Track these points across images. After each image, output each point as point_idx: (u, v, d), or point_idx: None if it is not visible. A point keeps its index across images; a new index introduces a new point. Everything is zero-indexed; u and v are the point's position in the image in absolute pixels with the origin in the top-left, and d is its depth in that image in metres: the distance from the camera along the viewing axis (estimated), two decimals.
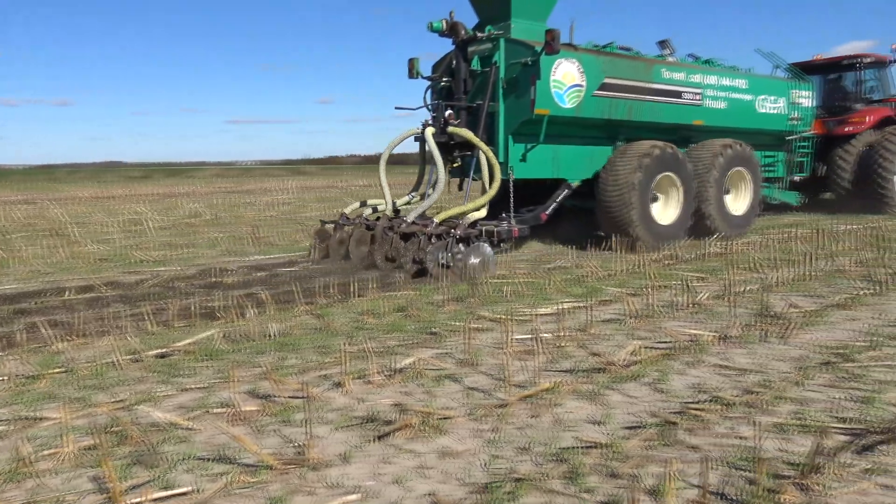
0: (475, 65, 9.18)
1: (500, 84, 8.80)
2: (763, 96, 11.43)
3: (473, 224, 8.11)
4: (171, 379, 4.24)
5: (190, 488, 2.78)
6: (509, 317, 5.31)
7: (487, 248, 7.68)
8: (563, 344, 4.74)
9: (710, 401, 3.61)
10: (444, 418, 3.44)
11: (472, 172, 8.82)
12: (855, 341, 4.68)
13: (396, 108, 10.10)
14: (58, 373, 4.35)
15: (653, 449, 3.07)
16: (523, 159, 8.96)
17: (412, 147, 9.83)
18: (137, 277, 7.90)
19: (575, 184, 9.51)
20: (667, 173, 9.50)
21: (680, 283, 6.56)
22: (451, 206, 9.41)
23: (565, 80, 8.74)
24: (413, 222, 8.09)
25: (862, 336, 4.82)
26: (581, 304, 5.87)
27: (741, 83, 11.01)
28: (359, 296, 6.44)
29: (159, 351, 4.74)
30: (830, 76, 14.63)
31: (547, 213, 9.13)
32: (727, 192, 10.62)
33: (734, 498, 2.62)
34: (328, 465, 3.01)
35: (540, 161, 9.14)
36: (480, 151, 8.56)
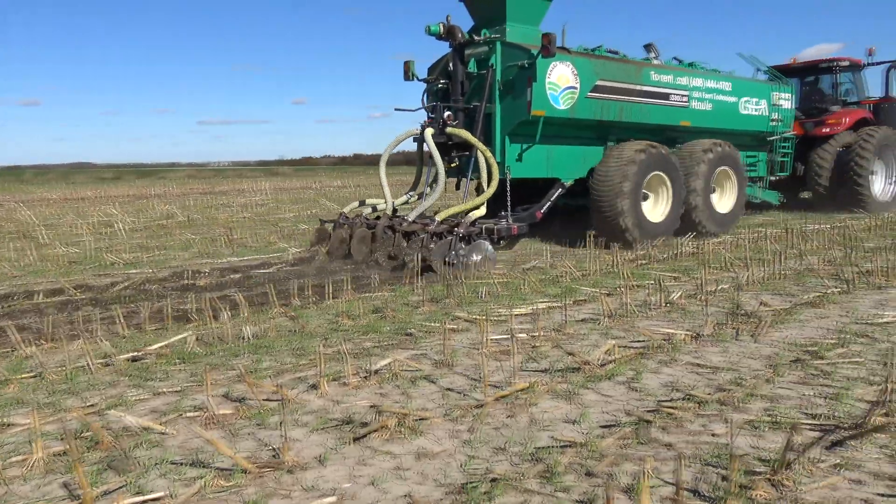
0: (472, 67, 9.42)
1: (496, 86, 9.03)
2: (746, 98, 11.82)
3: (473, 223, 8.32)
4: (144, 383, 4.18)
5: (163, 493, 2.75)
6: (485, 317, 5.32)
7: (488, 246, 7.93)
8: (538, 344, 4.76)
9: (684, 399, 3.65)
10: (421, 419, 3.44)
11: (469, 172, 9.05)
12: (824, 339, 4.75)
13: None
14: (27, 378, 4.27)
15: (628, 447, 3.09)
16: (519, 159, 9.19)
17: (399, 147, 9.99)
18: (109, 280, 7.80)
19: (568, 183, 9.75)
20: (657, 172, 9.79)
21: (654, 282, 6.62)
22: (449, 205, 9.62)
23: (560, 83, 9.00)
24: (414, 221, 8.31)
25: (831, 334, 4.90)
26: (557, 304, 5.90)
27: (725, 85, 11.37)
28: (334, 297, 6.41)
29: (131, 354, 4.68)
30: (808, 79, 15.03)
31: (542, 211, 9.35)
32: (713, 190, 10.93)
33: (708, 495, 2.65)
34: (304, 467, 2.99)
35: (535, 161, 9.37)
36: (478, 151, 8.77)
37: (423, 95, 9.84)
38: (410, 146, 9.45)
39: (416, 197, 9.68)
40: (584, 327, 5.25)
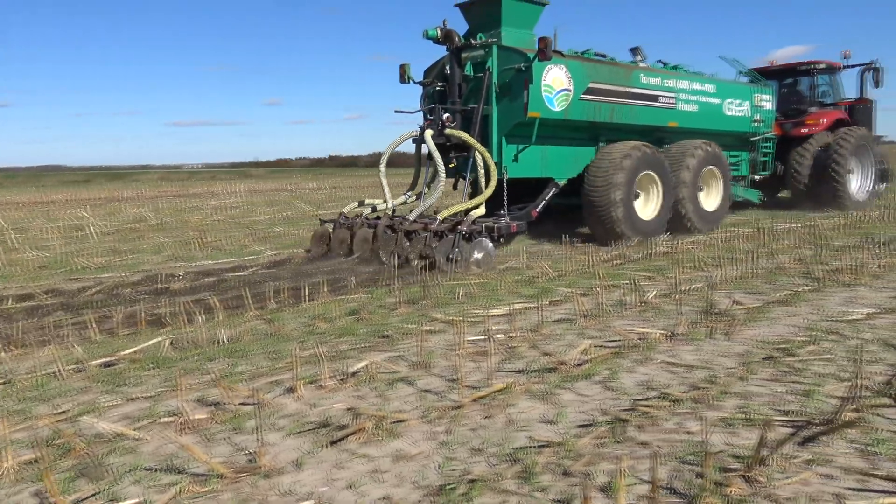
0: (468, 70, 9.70)
1: (493, 88, 9.28)
2: (729, 100, 12.23)
3: (474, 221, 8.52)
4: (117, 388, 4.13)
5: (137, 500, 2.72)
6: (462, 318, 5.33)
7: (489, 244, 8.19)
8: (515, 344, 4.78)
9: (659, 397, 3.68)
10: (398, 421, 3.43)
11: (468, 172, 9.25)
12: (795, 336, 4.83)
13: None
14: None
15: (604, 446, 3.11)
16: (515, 159, 9.46)
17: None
18: (80, 285, 7.68)
19: (562, 182, 10.01)
20: (648, 172, 10.11)
21: (628, 282, 6.68)
22: (448, 204, 10.01)
23: (555, 85, 9.28)
24: (415, 220, 8.53)
25: (802, 331, 4.97)
26: (532, 305, 5.92)
27: (709, 88, 11.76)
28: (310, 300, 6.38)
29: (104, 360, 4.62)
30: (786, 81, 15.42)
31: (537, 210, 9.60)
32: (700, 189, 11.26)
33: (683, 492, 2.68)
34: (280, 472, 2.97)
35: (530, 161, 9.63)
36: (476, 152, 9.00)
37: (420, 98, 10.13)
38: (402, 148, 9.73)
39: (415, 197, 9.92)
40: (560, 327, 5.28)
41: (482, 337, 4.83)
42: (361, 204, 10.03)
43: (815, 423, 3.25)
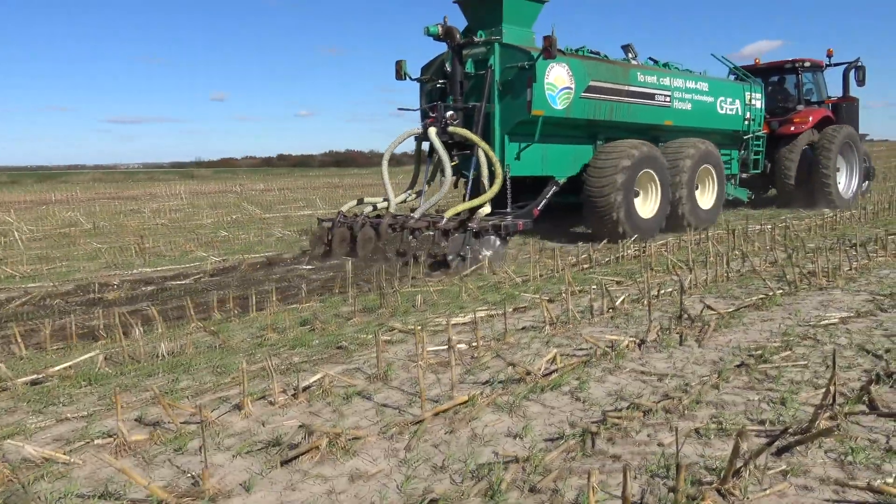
0: (469, 68, 10.11)
1: (495, 86, 9.78)
2: (722, 98, 12.94)
3: (481, 219, 8.91)
4: (46, 408, 4.02)
5: None
6: (422, 327, 5.31)
7: (497, 241, 8.64)
8: (479, 354, 4.79)
9: (630, 408, 3.72)
10: (355, 438, 3.41)
11: (471, 171, 9.67)
12: (769, 342, 4.93)
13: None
14: None
15: (573, 461, 3.13)
16: (517, 157, 9.98)
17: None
18: (4, 295, 7.48)
19: (562, 181, 10.49)
20: (647, 170, 10.70)
21: (597, 287, 6.75)
22: (450, 203, 10.64)
23: (557, 83, 9.79)
24: (420, 218, 8.93)
25: (776, 336, 5.08)
26: (497, 312, 5.94)
27: (703, 86, 12.43)
28: (259, 309, 6.31)
29: (31, 377, 4.49)
30: (772, 79, 16.01)
31: (538, 208, 10.02)
32: (696, 187, 11.87)
33: None
34: (228, 495, 2.92)
35: (532, 159, 10.16)
36: (479, 150, 9.46)
37: (420, 95, 10.67)
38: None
39: (414, 196, 10.38)
40: (526, 336, 5.31)
41: (444, 347, 4.82)
42: (360, 202, 10.45)
43: (790, 432, 3.32)
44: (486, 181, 9.43)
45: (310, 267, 8.78)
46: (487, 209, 9.20)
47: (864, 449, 3.16)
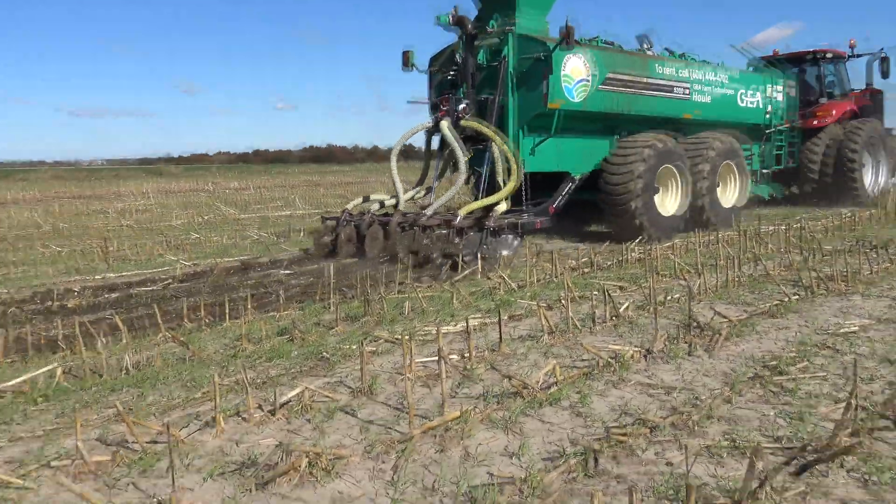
0: (481, 58, 10.29)
1: (510, 78, 9.94)
2: (743, 90, 13.21)
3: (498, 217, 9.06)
4: None
5: None
6: (410, 337, 5.28)
7: (515, 240, 8.83)
8: (472, 366, 4.76)
9: (635, 424, 3.70)
10: (337, 458, 3.37)
11: (485, 166, 9.81)
12: (785, 352, 4.93)
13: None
14: None
15: (575, 482, 3.11)
16: (532, 153, 10.21)
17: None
18: None
19: (578, 177, 10.70)
20: (668, 165, 10.87)
21: (599, 293, 6.73)
22: (466, 201, 10.92)
23: (574, 75, 9.97)
24: (433, 216, 9.09)
25: (791, 346, 5.08)
26: (491, 320, 5.92)
27: (722, 77, 12.67)
28: (233, 318, 6.27)
29: None
30: (792, 71, 16.05)
31: (554, 206, 10.23)
32: (717, 184, 12.04)
33: None
34: None
35: (547, 154, 10.37)
36: (494, 145, 9.60)
37: (429, 87, 10.84)
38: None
39: (423, 192, 10.60)
40: (523, 346, 5.29)
41: (434, 358, 4.80)
42: (366, 200, 10.63)
43: (809, 449, 3.30)
44: (501, 178, 9.59)
45: (288, 272, 8.76)
46: (504, 206, 9.33)
47: (891, 468, 3.14)
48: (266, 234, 13.31)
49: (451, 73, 10.42)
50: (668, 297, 6.61)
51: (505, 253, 8.68)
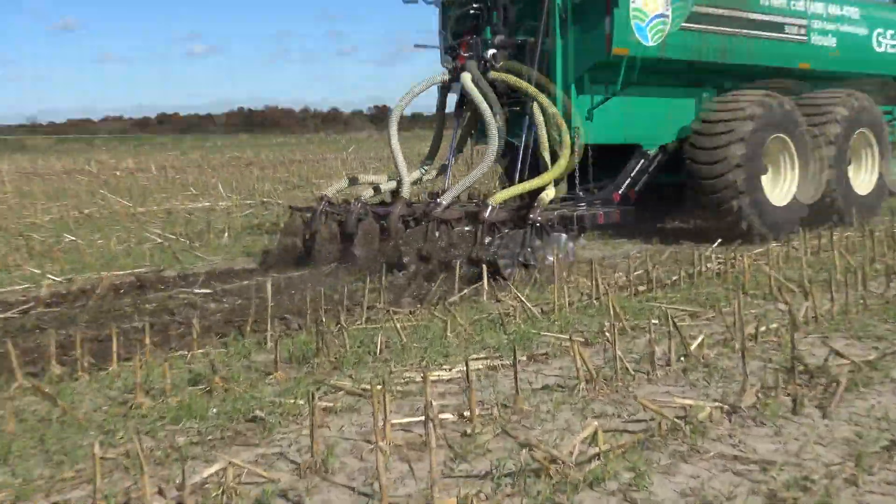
0: None
1: (556, 13, 10.02)
2: (880, 30, 13.23)
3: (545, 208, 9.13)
4: None
5: None
6: (384, 387, 5.23)
7: (568, 241, 8.94)
8: (475, 430, 4.74)
9: None
10: None
11: (524, 135, 9.99)
12: None
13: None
14: None
15: None
16: (589, 117, 10.32)
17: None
18: None
19: (651, 151, 10.93)
20: (779, 135, 11.02)
21: (660, 322, 6.70)
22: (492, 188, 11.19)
23: (647, 10, 10.09)
24: (451, 205, 9.13)
25: None
26: (503, 362, 5.89)
27: (852, 11, 12.72)
28: (124, 359, 6.23)
29: None
30: None
31: (620, 192, 10.46)
32: (849, 162, 12.21)
33: None
34: None
35: (609, 120, 10.54)
36: (535, 106, 9.71)
37: (441, 26, 11.08)
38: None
39: (434, 172, 10.85)
40: (549, 400, 5.27)
41: (419, 418, 4.77)
42: (354, 183, 10.77)
43: None
44: (546, 152, 9.69)
45: (206, 291, 8.71)
46: (552, 193, 9.40)
47: None
48: (174, 235, 13.32)
49: (475, 5, 10.50)
50: (762, 329, 6.59)
51: (554, 259, 8.54)
